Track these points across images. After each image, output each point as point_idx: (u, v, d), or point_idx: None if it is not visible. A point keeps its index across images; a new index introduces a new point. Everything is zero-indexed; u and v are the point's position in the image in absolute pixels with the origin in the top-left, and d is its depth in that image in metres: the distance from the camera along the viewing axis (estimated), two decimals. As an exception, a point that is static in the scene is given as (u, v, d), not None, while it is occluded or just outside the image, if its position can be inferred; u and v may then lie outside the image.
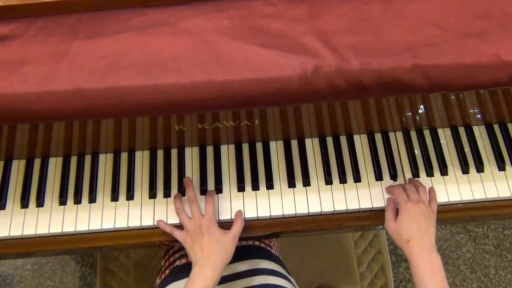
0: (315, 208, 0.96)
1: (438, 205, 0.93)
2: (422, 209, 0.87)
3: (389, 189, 0.96)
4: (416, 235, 0.84)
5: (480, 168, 0.99)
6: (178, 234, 0.91)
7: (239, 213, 0.94)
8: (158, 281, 1.04)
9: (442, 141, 1.03)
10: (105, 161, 1.01)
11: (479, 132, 1.04)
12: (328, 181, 0.98)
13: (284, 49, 0.76)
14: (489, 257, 1.80)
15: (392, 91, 0.78)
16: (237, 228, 0.90)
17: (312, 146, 1.02)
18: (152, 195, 0.97)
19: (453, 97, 0.92)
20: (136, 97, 0.74)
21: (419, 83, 0.76)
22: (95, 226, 0.95)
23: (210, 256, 0.84)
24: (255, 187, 0.97)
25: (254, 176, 0.98)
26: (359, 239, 1.44)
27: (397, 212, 0.90)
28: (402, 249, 0.86)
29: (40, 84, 0.74)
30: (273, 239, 1.17)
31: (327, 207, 0.96)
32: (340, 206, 0.96)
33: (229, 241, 0.88)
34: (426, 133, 1.03)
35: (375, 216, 0.97)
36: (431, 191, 0.95)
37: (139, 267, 1.41)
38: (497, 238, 1.83)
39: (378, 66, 0.75)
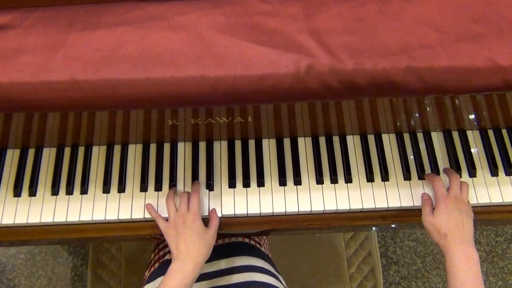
0: (305, 207, 0.96)
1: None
2: (460, 206, 0.87)
3: (429, 178, 0.95)
4: (454, 229, 0.83)
5: (472, 173, 0.99)
6: (161, 223, 0.91)
7: (214, 210, 0.95)
8: (147, 274, 1.04)
9: (435, 145, 1.02)
10: (98, 153, 1.02)
11: (473, 137, 1.03)
12: (319, 180, 0.98)
13: (279, 47, 0.76)
14: (480, 263, 1.79)
15: (385, 92, 0.78)
16: (215, 224, 0.91)
17: (304, 145, 1.02)
18: (144, 188, 0.98)
19: (447, 101, 0.92)
20: (129, 90, 0.75)
21: (412, 85, 0.76)
22: (86, 217, 0.96)
23: (192, 251, 0.84)
24: (246, 184, 0.97)
25: (246, 173, 0.98)
26: (350, 240, 1.44)
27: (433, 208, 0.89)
28: (438, 243, 0.85)
29: (35, 74, 0.74)
30: (263, 237, 1.17)
31: (317, 207, 0.95)
32: (330, 206, 0.96)
33: (211, 236, 0.89)
34: (420, 136, 1.03)
35: (365, 217, 0.97)
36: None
37: (130, 260, 1.42)
38: (489, 245, 1.82)
39: (371, 66, 0.75)
